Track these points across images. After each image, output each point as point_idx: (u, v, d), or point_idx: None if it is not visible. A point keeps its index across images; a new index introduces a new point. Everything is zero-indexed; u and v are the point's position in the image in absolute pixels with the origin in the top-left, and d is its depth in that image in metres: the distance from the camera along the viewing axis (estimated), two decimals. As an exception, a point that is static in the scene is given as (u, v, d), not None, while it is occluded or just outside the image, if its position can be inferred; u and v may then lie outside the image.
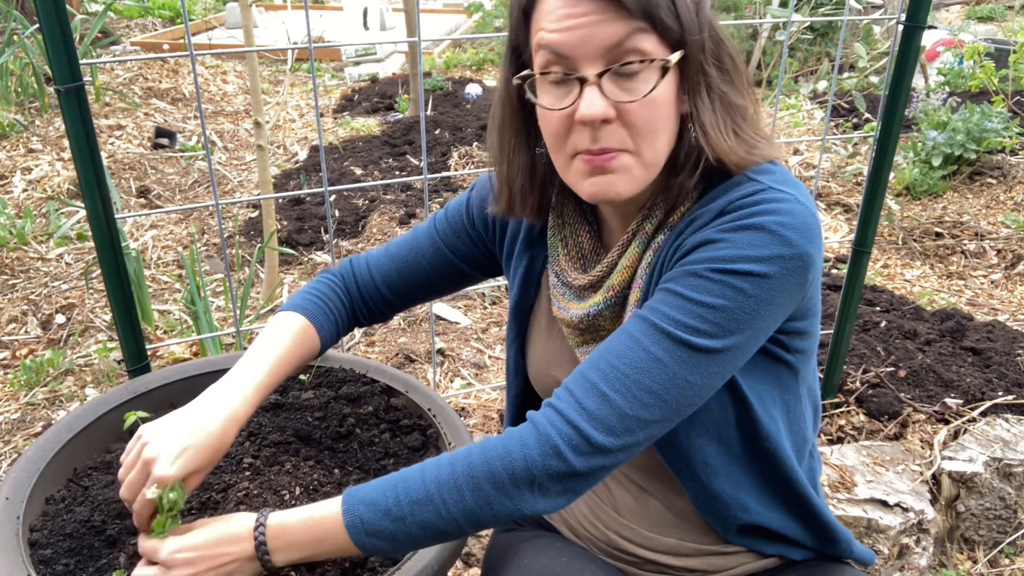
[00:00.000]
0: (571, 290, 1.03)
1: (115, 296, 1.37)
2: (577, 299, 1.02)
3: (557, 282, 1.04)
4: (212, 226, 3.56)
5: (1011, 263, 3.28)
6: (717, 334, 0.82)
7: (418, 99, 4.87)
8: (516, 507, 0.81)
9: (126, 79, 5.04)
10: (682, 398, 0.83)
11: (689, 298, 0.82)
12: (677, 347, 0.82)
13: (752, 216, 0.83)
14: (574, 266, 1.03)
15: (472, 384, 2.50)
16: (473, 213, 1.14)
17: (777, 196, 0.84)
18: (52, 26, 1.16)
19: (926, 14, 1.70)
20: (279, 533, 0.85)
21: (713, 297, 0.81)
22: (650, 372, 0.82)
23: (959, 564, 1.93)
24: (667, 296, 0.84)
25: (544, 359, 1.10)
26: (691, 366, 0.82)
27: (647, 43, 0.82)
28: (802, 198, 0.85)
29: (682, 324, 0.82)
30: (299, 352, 1.09)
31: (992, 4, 8.42)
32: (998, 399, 2.13)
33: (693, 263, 0.84)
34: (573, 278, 1.01)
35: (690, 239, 0.86)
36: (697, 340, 0.82)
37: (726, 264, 0.81)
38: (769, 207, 0.83)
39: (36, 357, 2.54)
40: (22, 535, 0.97)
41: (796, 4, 5.03)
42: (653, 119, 0.84)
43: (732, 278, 0.81)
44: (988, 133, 3.79)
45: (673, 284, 0.84)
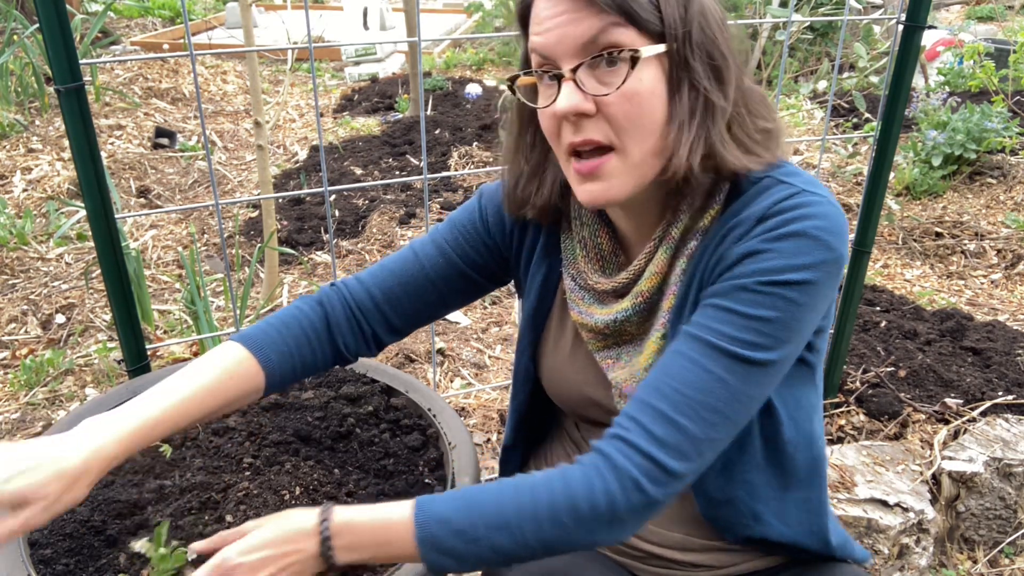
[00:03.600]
0: (591, 294, 1.01)
1: (115, 296, 1.37)
2: (599, 304, 1.00)
3: (574, 286, 1.03)
4: (212, 226, 3.56)
5: (1011, 263, 3.28)
6: (773, 346, 0.83)
7: (418, 99, 4.87)
8: (593, 540, 0.82)
9: (126, 79, 5.04)
10: (744, 412, 0.85)
11: (743, 313, 0.83)
12: (737, 364, 0.83)
13: (794, 222, 0.83)
14: (594, 269, 1.01)
15: (472, 384, 2.50)
16: (489, 222, 1.10)
17: (812, 200, 0.84)
18: (52, 26, 1.16)
19: (926, 14, 1.70)
20: (344, 530, 0.83)
21: (766, 310, 0.82)
22: (714, 392, 0.82)
23: (959, 564, 1.93)
24: (719, 312, 0.84)
25: (561, 366, 1.09)
26: (751, 380, 0.83)
27: (624, 36, 0.82)
28: (832, 198, 0.86)
29: (739, 340, 0.83)
30: (225, 390, 0.94)
31: (992, 4, 8.42)
32: (998, 399, 2.13)
33: (741, 276, 0.84)
34: (595, 282, 1.00)
35: (733, 250, 0.86)
36: (756, 355, 0.83)
37: (775, 276, 0.82)
38: (808, 211, 0.83)
39: (36, 357, 2.54)
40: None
41: (796, 4, 5.03)
42: (635, 113, 0.84)
43: (782, 289, 0.82)
44: (988, 133, 3.79)
45: (724, 300, 0.85)
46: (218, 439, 1.17)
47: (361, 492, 1.08)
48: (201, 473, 1.08)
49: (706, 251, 0.90)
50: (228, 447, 1.14)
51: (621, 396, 1.00)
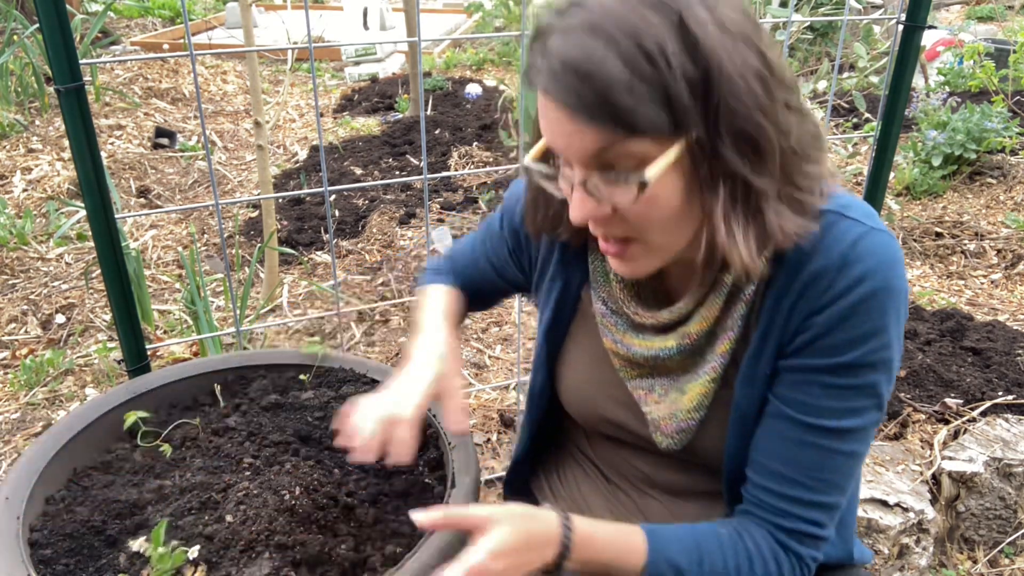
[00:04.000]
0: (625, 321, 0.98)
1: (115, 296, 1.37)
2: (636, 334, 0.98)
3: (606, 310, 1.00)
4: (212, 226, 3.56)
5: (1011, 263, 3.28)
6: (879, 405, 0.88)
7: (418, 99, 4.87)
8: None
9: (126, 79, 5.04)
10: (862, 463, 0.94)
11: (846, 386, 0.86)
12: (861, 434, 0.89)
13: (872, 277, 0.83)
14: (630, 296, 0.97)
15: (472, 384, 2.50)
16: (506, 231, 1.11)
17: (881, 241, 0.84)
18: (52, 26, 1.16)
19: (926, 14, 1.70)
20: (584, 544, 0.86)
21: (875, 374, 0.86)
22: (848, 465, 0.90)
23: (959, 564, 1.93)
24: (822, 390, 0.87)
25: (587, 387, 1.07)
26: (867, 439, 0.90)
27: (634, 148, 0.75)
28: (885, 227, 0.86)
29: (850, 411, 0.87)
30: (459, 309, 1.16)
31: (992, 4, 8.42)
32: (998, 399, 2.13)
33: (841, 351, 0.85)
34: (632, 311, 0.97)
35: (816, 319, 0.85)
36: (871, 418, 0.88)
37: (878, 342, 0.84)
38: (883, 259, 0.83)
39: (36, 357, 2.54)
40: (22, 535, 0.97)
41: (796, 4, 5.03)
42: (655, 215, 0.80)
43: (884, 352, 0.85)
44: (988, 133, 3.79)
45: (824, 376, 0.86)
46: (218, 439, 1.17)
47: (361, 492, 1.08)
48: (201, 473, 1.08)
49: (780, 304, 0.87)
50: (228, 447, 1.14)
51: (657, 430, 0.99)
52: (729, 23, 0.73)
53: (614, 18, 0.72)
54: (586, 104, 0.72)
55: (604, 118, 0.72)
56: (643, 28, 0.71)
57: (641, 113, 0.72)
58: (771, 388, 0.91)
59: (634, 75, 0.70)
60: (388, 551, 0.99)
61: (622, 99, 0.71)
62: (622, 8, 0.72)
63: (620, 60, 0.70)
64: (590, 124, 0.74)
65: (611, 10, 0.72)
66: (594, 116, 0.73)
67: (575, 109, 0.73)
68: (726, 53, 0.72)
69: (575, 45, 0.72)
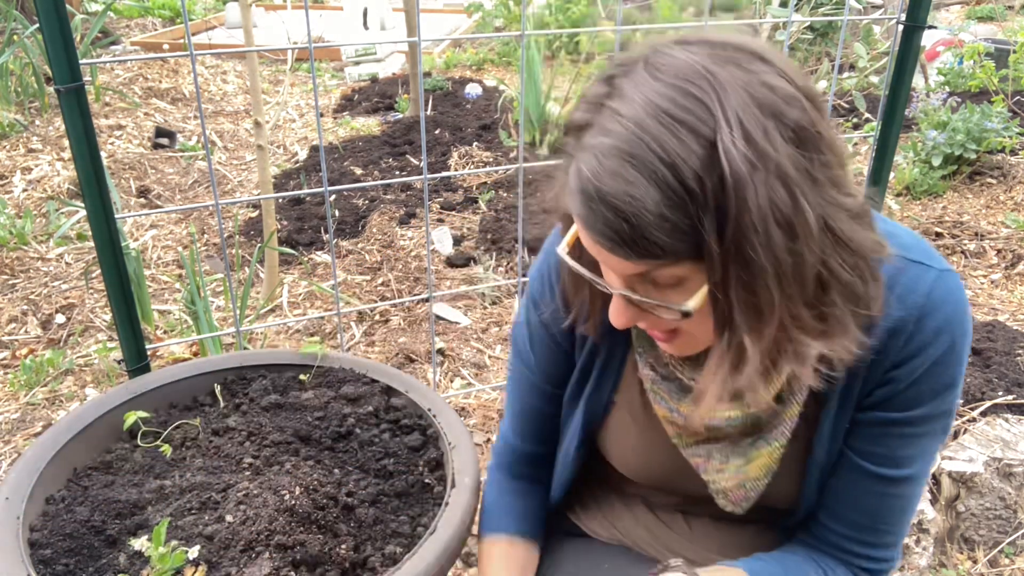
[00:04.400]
0: (678, 387, 0.94)
1: (115, 296, 1.37)
2: (692, 400, 0.92)
3: (656, 377, 0.95)
4: (212, 226, 3.56)
5: (1011, 263, 3.28)
6: (941, 447, 0.94)
7: (418, 99, 4.87)
8: None
9: (126, 79, 5.04)
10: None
11: (931, 433, 0.88)
12: (923, 479, 0.92)
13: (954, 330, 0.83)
14: (681, 361, 0.92)
15: (472, 384, 2.50)
16: (548, 319, 1.02)
17: (951, 285, 0.84)
18: (52, 26, 1.16)
19: (926, 14, 1.70)
20: None
21: (949, 417, 0.88)
22: (916, 504, 0.94)
23: (959, 564, 1.93)
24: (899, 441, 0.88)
25: (638, 455, 1.03)
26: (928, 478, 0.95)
27: (674, 269, 0.72)
28: (946, 263, 0.87)
29: (931, 452, 0.90)
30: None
31: (992, 4, 8.42)
32: (998, 399, 2.13)
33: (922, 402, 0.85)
34: (687, 377, 0.92)
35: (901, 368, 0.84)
36: (931, 464, 0.92)
37: (955, 389, 0.86)
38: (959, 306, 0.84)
39: (36, 357, 2.54)
40: (22, 535, 0.97)
41: (796, 4, 5.03)
42: (695, 320, 0.77)
43: (957, 394, 0.87)
44: (988, 133, 3.79)
45: (909, 428, 0.87)
46: (218, 439, 1.17)
47: (361, 492, 1.08)
48: (201, 473, 1.08)
49: (858, 363, 0.83)
50: (228, 447, 1.14)
51: (726, 499, 0.98)
52: (761, 149, 0.67)
53: (652, 141, 0.67)
54: (623, 241, 0.69)
55: (642, 254, 0.70)
56: (682, 157, 0.66)
57: (679, 247, 0.69)
58: (846, 440, 0.91)
59: (674, 211, 0.67)
60: (388, 551, 0.99)
61: (659, 236, 0.68)
62: (659, 128, 0.67)
63: (658, 193, 0.67)
64: (627, 258, 0.71)
65: (649, 129, 0.67)
66: (631, 252, 0.70)
67: (612, 244, 0.70)
68: (752, 195, 0.66)
69: (611, 174, 0.68)
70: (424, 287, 3.00)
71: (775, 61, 0.72)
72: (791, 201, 0.68)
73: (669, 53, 0.71)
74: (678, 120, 0.67)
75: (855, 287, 0.76)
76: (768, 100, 0.68)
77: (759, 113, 0.67)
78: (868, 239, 0.76)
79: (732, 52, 0.71)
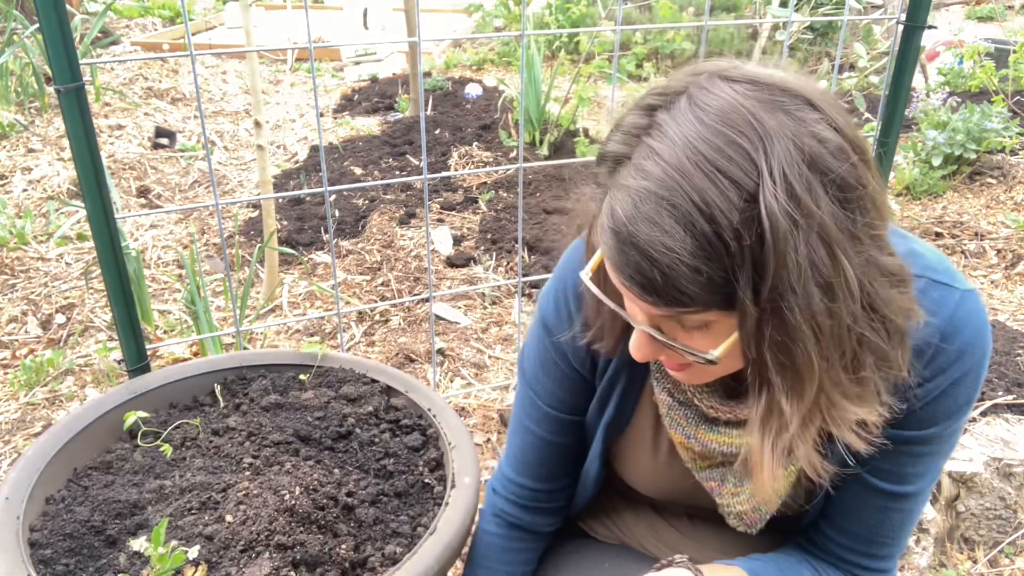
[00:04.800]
0: (698, 415, 0.92)
1: (115, 296, 1.37)
2: (709, 427, 0.91)
3: (673, 402, 0.93)
4: (212, 226, 3.56)
5: (1011, 263, 3.28)
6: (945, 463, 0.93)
7: (418, 99, 4.87)
8: None
9: (126, 79, 5.04)
10: None
11: (941, 452, 0.89)
12: (930, 489, 0.93)
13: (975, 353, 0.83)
14: (700, 388, 0.90)
15: (472, 384, 2.50)
16: (562, 346, 0.99)
17: (973, 307, 0.83)
18: (52, 26, 1.16)
19: (926, 14, 1.70)
20: None
21: (958, 435, 0.89)
22: (916, 518, 0.94)
23: (959, 564, 1.93)
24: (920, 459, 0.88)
25: (656, 479, 1.03)
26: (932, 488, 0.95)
27: (702, 316, 0.71)
28: (966, 282, 0.85)
29: (938, 470, 0.91)
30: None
31: (992, 4, 8.42)
32: (998, 399, 2.13)
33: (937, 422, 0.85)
34: (707, 405, 0.90)
35: (921, 388, 0.83)
36: (935, 479, 0.92)
37: (968, 410, 0.86)
38: (980, 328, 0.83)
39: (36, 357, 2.54)
40: (22, 535, 0.97)
41: (796, 4, 5.03)
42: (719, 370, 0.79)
43: (969, 414, 0.87)
44: (988, 133, 3.79)
45: (920, 447, 0.87)
46: (218, 439, 1.17)
47: (361, 492, 1.08)
48: (201, 473, 1.08)
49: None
50: (228, 447, 1.14)
51: (740, 522, 0.98)
52: (805, 206, 0.64)
53: (691, 189, 0.64)
54: (654, 289, 0.67)
55: (672, 303, 0.68)
56: (722, 209, 0.64)
57: (710, 299, 0.67)
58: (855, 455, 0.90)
59: (709, 263, 0.65)
60: (388, 551, 0.99)
61: (693, 289, 0.66)
62: (699, 175, 0.64)
63: (694, 244, 0.64)
64: (655, 306, 0.70)
65: (688, 175, 0.64)
66: (659, 300, 0.68)
67: (641, 291, 0.69)
68: (792, 253, 0.64)
69: (647, 221, 0.66)
70: (424, 287, 3.00)
71: (826, 108, 0.69)
72: (831, 261, 0.65)
73: (715, 92, 0.68)
74: (720, 169, 0.64)
75: (887, 353, 0.74)
76: (816, 153, 0.66)
77: (805, 168, 0.65)
78: (904, 306, 0.74)
79: (780, 95, 0.68)
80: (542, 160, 4.10)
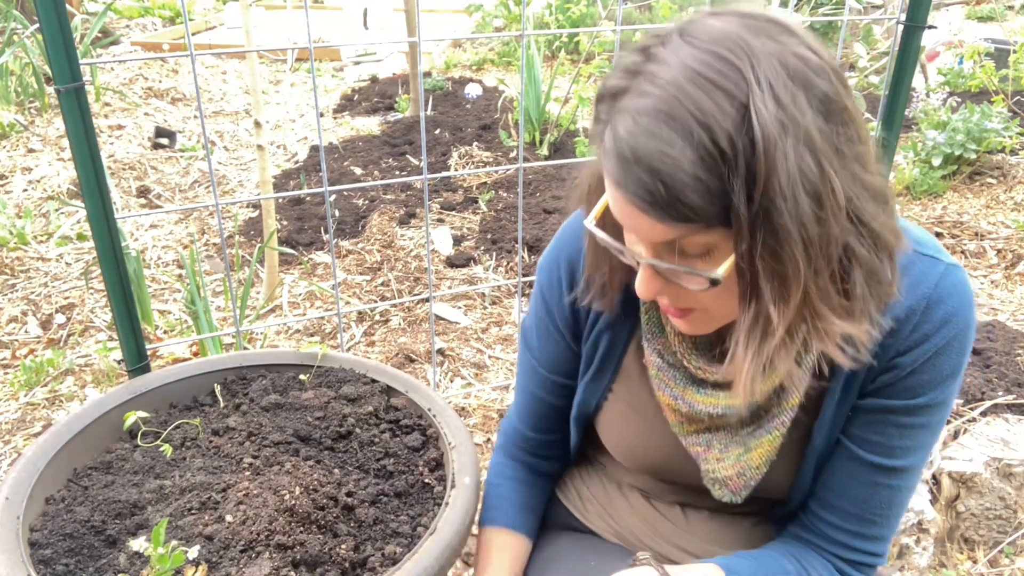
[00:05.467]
0: (686, 376, 0.95)
1: (115, 296, 1.37)
2: (696, 389, 0.94)
3: (662, 363, 0.96)
4: (212, 226, 3.56)
5: (1011, 263, 3.28)
6: (937, 438, 0.91)
7: (418, 99, 4.87)
8: None
9: (126, 79, 5.04)
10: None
11: (927, 425, 0.89)
12: (919, 470, 0.92)
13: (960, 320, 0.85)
14: (689, 348, 0.93)
15: (472, 384, 2.50)
16: (553, 309, 1.05)
17: (959, 278, 0.86)
18: (52, 26, 1.16)
19: (926, 14, 1.70)
20: None
21: (944, 410, 0.89)
22: (908, 497, 0.93)
23: (959, 564, 1.93)
24: (896, 430, 0.89)
25: (637, 444, 1.04)
26: (922, 471, 0.94)
27: (704, 237, 0.73)
28: (953, 258, 0.88)
29: (924, 447, 0.90)
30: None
31: (992, 4, 8.42)
32: (998, 399, 2.13)
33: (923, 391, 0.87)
34: (694, 367, 0.93)
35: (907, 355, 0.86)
36: (927, 454, 0.91)
37: (954, 381, 0.87)
38: (965, 298, 0.85)
39: (36, 357, 2.54)
40: (22, 535, 0.97)
41: (796, 4, 5.03)
42: (720, 296, 0.79)
43: (955, 389, 0.88)
44: (988, 133, 3.79)
45: (906, 417, 0.88)
46: (218, 439, 1.17)
47: (361, 492, 1.08)
48: (201, 473, 1.08)
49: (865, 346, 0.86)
50: (228, 447, 1.14)
51: (721, 487, 0.98)
52: (791, 114, 0.68)
53: (688, 102, 0.68)
54: (657, 202, 0.70)
55: (676, 217, 0.70)
56: (717, 118, 0.67)
57: (712, 212, 0.70)
58: (844, 428, 0.92)
59: (708, 173, 0.68)
60: (388, 551, 0.99)
61: (694, 199, 0.69)
62: (694, 89, 0.68)
63: (695, 155, 0.68)
64: (661, 221, 0.72)
65: (684, 90, 0.69)
66: (665, 215, 0.71)
67: (646, 206, 0.71)
68: (782, 156, 0.67)
69: (648, 135, 0.69)
70: (424, 287, 3.00)
71: (803, 35, 0.74)
72: (818, 171, 0.69)
73: (703, 22, 0.73)
74: (713, 83, 0.68)
75: (876, 268, 0.77)
76: (798, 68, 0.70)
77: (790, 82, 0.69)
78: (889, 225, 0.78)
79: (763, 23, 0.72)
80: (542, 160, 4.10)
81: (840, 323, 0.76)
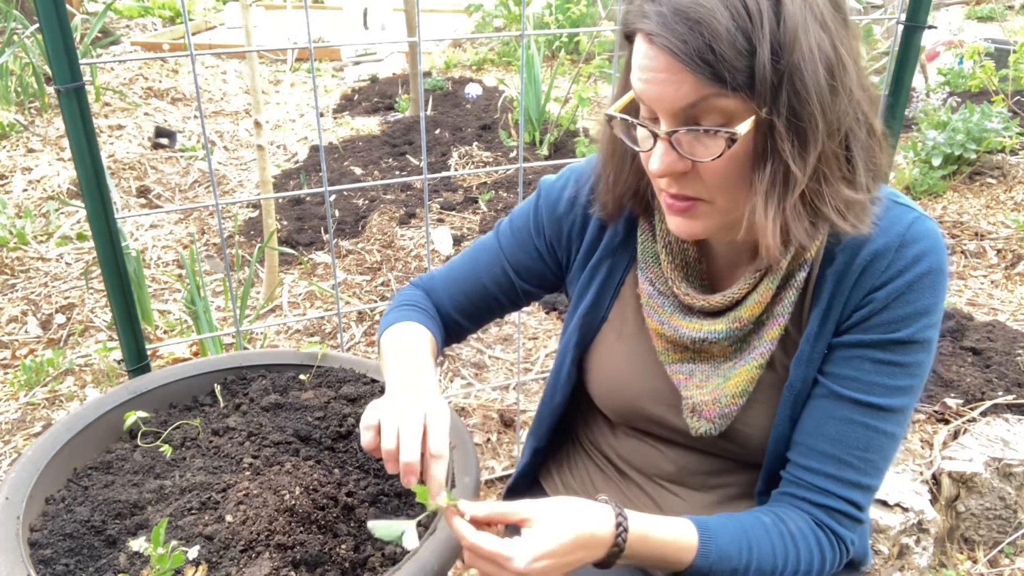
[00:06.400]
0: (673, 303, 1.00)
1: (115, 296, 1.37)
2: (684, 316, 0.99)
3: (653, 291, 1.01)
4: (212, 226, 3.56)
5: (1011, 263, 3.28)
6: (920, 383, 0.93)
7: (418, 99, 4.87)
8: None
9: (126, 79, 5.04)
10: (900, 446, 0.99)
11: (896, 363, 0.90)
12: (902, 415, 0.93)
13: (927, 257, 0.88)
14: (680, 276, 0.99)
15: (472, 384, 2.50)
16: (543, 220, 1.10)
17: (931, 226, 0.90)
18: (52, 26, 1.16)
19: (926, 14, 1.70)
20: (638, 542, 0.86)
21: (922, 352, 0.91)
22: (889, 447, 0.93)
23: (959, 564, 1.93)
24: (874, 366, 0.91)
25: (622, 377, 1.07)
26: (907, 420, 0.94)
27: (725, 104, 0.78)
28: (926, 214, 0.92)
29: (898, 389, 0.91)
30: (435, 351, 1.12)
31: (992, 4, 8.42)
32: (998, 399, 2.13)
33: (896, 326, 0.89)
34: (683, 293, 0.98)
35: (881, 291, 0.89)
36: (913, 400, 0.92)
37: (928, 320, 0.90)
38: (932, 242, 0.89)
39: (36, 357, 2.54)
40: (22, 535, 0.97)
41: (796, 4, 5.02)
42: (729, 174, 0.83)
43: (931, 331, 0.91)
44: (988, 133, 3.79)
45: (877, 352, 0.91)
46: (218, 439, 1.17)
47: (361, 492, 1.08)
48: (201, 473, 1.08)
49: (841, 283, 0.91)
50: (228, 447, 1.14)
51: (697, 416, 0.99)
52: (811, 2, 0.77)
53: None
54: (692, 51, 0.75)
55: (706, 69, 0.75)
56: None
57: (739, 69, 0.75)
58: (820, 368, 0.94)
59: (738, 30, 0.74)
60: (388, 551, 0.99)
61: (726, 52, 0.74)
62: None
63: (729, 12, 0.74)
64: (692, 73, 0.76)
65: None
66: (698, 65, 0.75)
67: (681, 56, 0.76)
68: (804, 30, 0.75)
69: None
70: (424, 287, 3.00)
71: None
72: (832, 50, 0.78)
73: None
74: None
75: (872, 149, 0.85)
76: None
77: None
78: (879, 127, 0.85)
79: None
80: (542, 160, 4.10)
81: (844, 190, 0.83)
